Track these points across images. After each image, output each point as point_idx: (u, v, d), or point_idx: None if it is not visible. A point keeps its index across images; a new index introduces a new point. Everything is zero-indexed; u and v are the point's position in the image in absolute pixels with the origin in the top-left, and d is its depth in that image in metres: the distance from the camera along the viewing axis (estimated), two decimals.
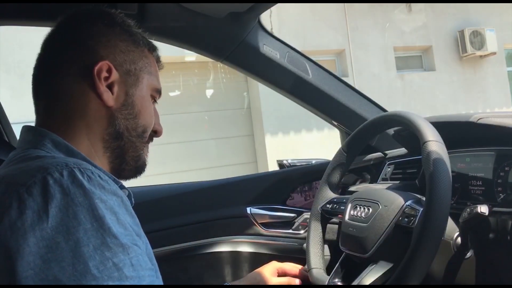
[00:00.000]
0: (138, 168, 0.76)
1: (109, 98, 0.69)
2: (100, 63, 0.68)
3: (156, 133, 0.80)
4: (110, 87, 0.70)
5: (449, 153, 0.83)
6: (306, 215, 1.37)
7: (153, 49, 0.79)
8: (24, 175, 0.55)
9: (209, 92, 6.20)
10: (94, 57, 0.69)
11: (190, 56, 5.45)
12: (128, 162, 0.74)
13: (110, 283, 0.52)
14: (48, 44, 0.72)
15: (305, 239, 1.13)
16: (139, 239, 0.59)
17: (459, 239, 0.86)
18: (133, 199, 0.71)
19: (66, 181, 0.54)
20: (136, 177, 0.78)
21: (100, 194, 0.55)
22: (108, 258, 0.52)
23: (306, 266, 1.07)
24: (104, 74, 0.69)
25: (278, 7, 5.97)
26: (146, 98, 0.75)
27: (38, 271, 0.49)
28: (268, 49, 1.27)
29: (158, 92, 0.79)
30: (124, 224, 0.56)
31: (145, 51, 0.76)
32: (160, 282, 0.63)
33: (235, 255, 1.33)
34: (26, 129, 0.69)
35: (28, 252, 0.50)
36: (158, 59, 0.81)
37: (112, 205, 0.56)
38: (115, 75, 0.70)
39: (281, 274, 1.08)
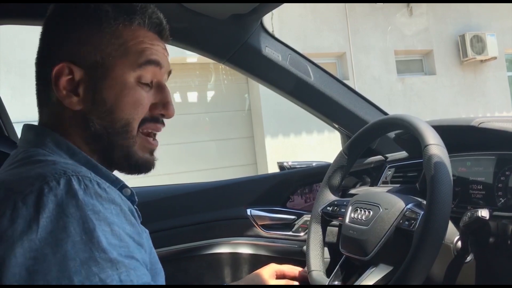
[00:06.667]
0: (132, 166, 0.70)
1: (72, 103, 0.65)
2: (56, 67, 0.64)
3: (164, 116, 0.71)
4: (76, 88, 0.65)
5: (450, 157, 0.83)
6: (306, 217, 1.37)
7: (132, 20, 0.67)
8: (23, 183, 0.54)
9: (210, 94, 6.20)
10: (53, 59, 0.65)
11: (192, 57, 5.46)
12: (117, 162, 0.69)
13: None
14: None
15: (305, 241, 1.13)
16: (140, 249, 0.57)
17: (459, 243, 0.86)
18: (136, 197, 0.68)
19: (60, 191, 0.52)
20: (142, 173, 0.71)
21: (95, 204, 0.54)
22: (94, 273, 0.50)
23: (306, 268, 1.07)
24: (65, 77, 0.64)
25: (279, 9, 5.97)
26: (124, 86, 0.66)
27: (22, 283, 0.48)
28: (270, 51, 1.27)
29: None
30: (119, 235, 0.54)
31: (119, 29, 0.66)
32: None
33: (235, 256, 1.33)
34: (27, 127, 0.68)
35: (15, 263, 0.48)
36: (151, 25, 0.69)
37: (107, 215, 0.54)
38: (79, 74, 0.65)
39: (280, 276, 1.07)
